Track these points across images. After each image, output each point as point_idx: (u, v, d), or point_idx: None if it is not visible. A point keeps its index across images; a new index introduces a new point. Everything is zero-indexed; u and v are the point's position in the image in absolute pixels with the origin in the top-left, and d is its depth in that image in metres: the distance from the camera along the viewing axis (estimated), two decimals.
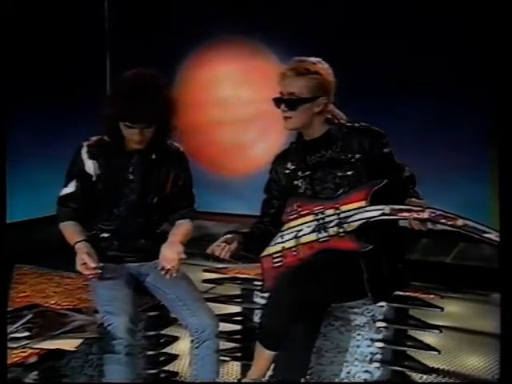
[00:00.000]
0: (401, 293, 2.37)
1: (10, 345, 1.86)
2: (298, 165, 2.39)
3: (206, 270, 2.74)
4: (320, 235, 2.30)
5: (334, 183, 2.32)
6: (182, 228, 2.47)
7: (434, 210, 2.13)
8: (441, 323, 2.50)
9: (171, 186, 2.47)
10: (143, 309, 2.36)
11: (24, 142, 4.53)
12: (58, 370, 2.06)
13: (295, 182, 2.40)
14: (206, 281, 2.72)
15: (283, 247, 2.38)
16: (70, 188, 2.39)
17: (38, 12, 4.79)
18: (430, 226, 2.15)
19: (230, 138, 5.49)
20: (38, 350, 1.89)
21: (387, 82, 4.44)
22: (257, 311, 2.61)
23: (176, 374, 2.68)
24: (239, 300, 2.69)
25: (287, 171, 2.43)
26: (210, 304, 2.39)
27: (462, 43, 4.29)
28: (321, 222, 2.30)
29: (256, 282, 2.59)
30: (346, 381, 2.49)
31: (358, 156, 2.29)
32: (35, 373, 1.93)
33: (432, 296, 2.37)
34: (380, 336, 2.43)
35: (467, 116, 4.35)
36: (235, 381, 2.75)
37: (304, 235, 2.33)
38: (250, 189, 5.15)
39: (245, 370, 2.51)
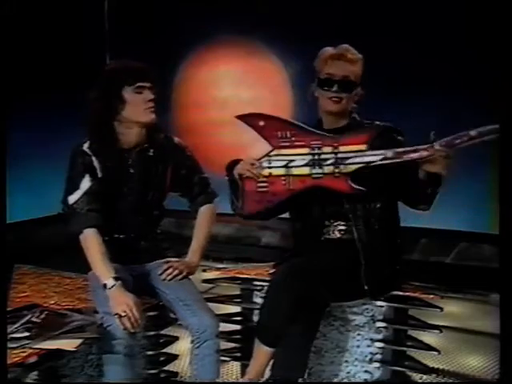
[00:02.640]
0: (400, 293, 2.37)
1: (9, 345, 1.86)
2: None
3: (205, 270, 2.75)
4: (314, 171, 2.28)
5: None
6: (202, 224, 2.51)
7: (442, 140, 2.13)
8: (441, 323, 2.50)
9: (171, 179, 2.47)
10: (143, 309, 2.36)
11: (24, 142, 4.52)
12: (58, 370, 2.06)
13: None
14: (205, 281, 2.72)
15: (270, 173, 2.35)
16: (85, 184, 2.26)
17: (37, 12, 4.78)
18: (445, 170, 2.12)
19: (230, 138, 5.47)
20: (37, 350, 1.89)
21: (387, 82, 4.43)
22: (256, 311, 2.61)
23: (176, 374, 2.68)
24: (239, 300, 2.69)
25: None
26: (210, 304, 2.39)
27: (462, 43, 4.28)
28: (316, 157, 2.27)
29: (256, 282, 2.59)
30: (345, 381, 2.49)
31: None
32: (35, 373, 1.93)
33: (432, 296, 2.38)
34: (380, 336, 2.43)
35: (467, 117, 4.34)
36: (235, 381, 2.75)
37: (296, 167, 2.31)
38: None
39: (245, 369, 2.50)
